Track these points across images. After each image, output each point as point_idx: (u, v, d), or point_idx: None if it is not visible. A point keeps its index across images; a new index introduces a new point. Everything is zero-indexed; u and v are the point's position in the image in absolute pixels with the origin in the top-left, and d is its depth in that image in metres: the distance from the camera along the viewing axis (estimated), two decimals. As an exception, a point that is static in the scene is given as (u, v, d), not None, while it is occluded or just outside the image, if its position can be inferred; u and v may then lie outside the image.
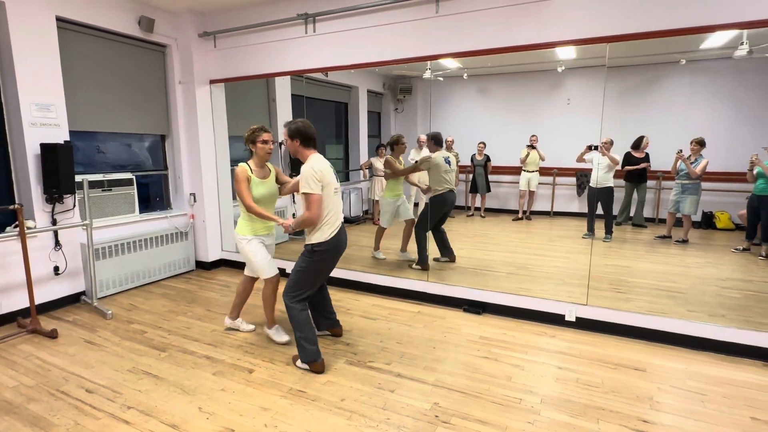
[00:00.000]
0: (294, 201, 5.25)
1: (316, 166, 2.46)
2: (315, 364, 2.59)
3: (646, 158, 5.24)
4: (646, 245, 5.04)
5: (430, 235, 4.23)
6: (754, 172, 4.38)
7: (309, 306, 2.75)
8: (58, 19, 3.53)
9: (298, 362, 2.67)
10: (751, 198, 4.48)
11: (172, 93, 4.54)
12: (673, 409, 2.23)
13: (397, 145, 4.30)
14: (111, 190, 4.07)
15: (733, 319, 3.15)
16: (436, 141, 4.17)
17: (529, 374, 2.58)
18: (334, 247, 2.58)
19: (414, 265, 4.21)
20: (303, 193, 2.45)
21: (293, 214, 3.60)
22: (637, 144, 5.23)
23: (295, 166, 2.94)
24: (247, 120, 5.24)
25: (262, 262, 2.89)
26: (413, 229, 4.31)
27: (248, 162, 2.87)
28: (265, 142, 2.83)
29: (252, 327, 3.21)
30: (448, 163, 4.17)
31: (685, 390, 2.40)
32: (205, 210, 4.71)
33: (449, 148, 5.27)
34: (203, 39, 4.50)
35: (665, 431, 2.05)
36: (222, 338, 3.09)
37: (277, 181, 3.01)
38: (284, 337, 2.99)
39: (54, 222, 3.56)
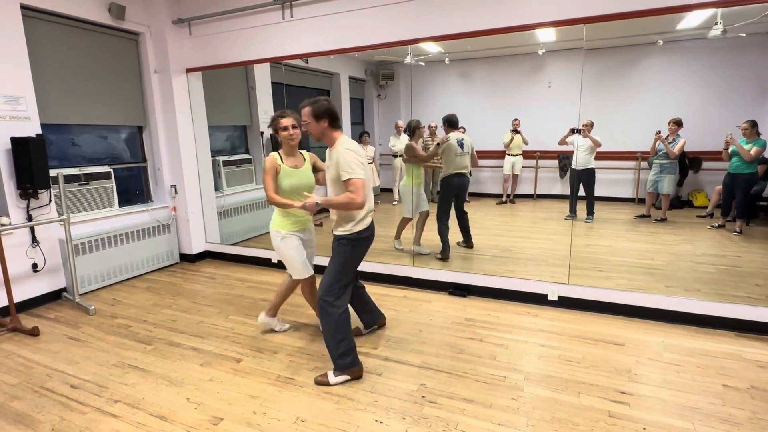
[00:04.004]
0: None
1: (354, 148, 2.24)
2: (355, 370, 2.38)
3: None
4: (626, 225, 5.16)
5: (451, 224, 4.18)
6: (729, 150, 4.49)
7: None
8: (23, 7, 3.39)
9: (332, 376, 2.36)
10: (726, 176, 4.60)
11: (148, 83, 4.42)
12: (650, 380, 2.31)
13: (418, 129, 4.26)
14: (88, 184, 3.98)
15: (707, 292, 3.26)
16: (450, 123, 4.15)
17: (512, 353, 2.64)
18: (373, 234, 2.45)
19: (437, 256, 4.14)
20: (346, 180, 2.18)
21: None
22: None
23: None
24: (227, 109, 5.15)
25: (297, 262, 2.69)
26: (437, 221, 4.19)
27: (279, 151, 2.68)
28: (284, 128, 2.60)
29: (287, 327, 3.05)
30: (461, 146, 4.10)
31: (661, 362, 2.49)
32: (188, 202, 4.64)
33: (432, 134, 5.27)
34: (178, 26, 4.37)
35: (641, 401, 2.14)
36: (208, 329, 3.08)
37: (314, 169, 2.77)
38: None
39: (30, 218, 3.47)
